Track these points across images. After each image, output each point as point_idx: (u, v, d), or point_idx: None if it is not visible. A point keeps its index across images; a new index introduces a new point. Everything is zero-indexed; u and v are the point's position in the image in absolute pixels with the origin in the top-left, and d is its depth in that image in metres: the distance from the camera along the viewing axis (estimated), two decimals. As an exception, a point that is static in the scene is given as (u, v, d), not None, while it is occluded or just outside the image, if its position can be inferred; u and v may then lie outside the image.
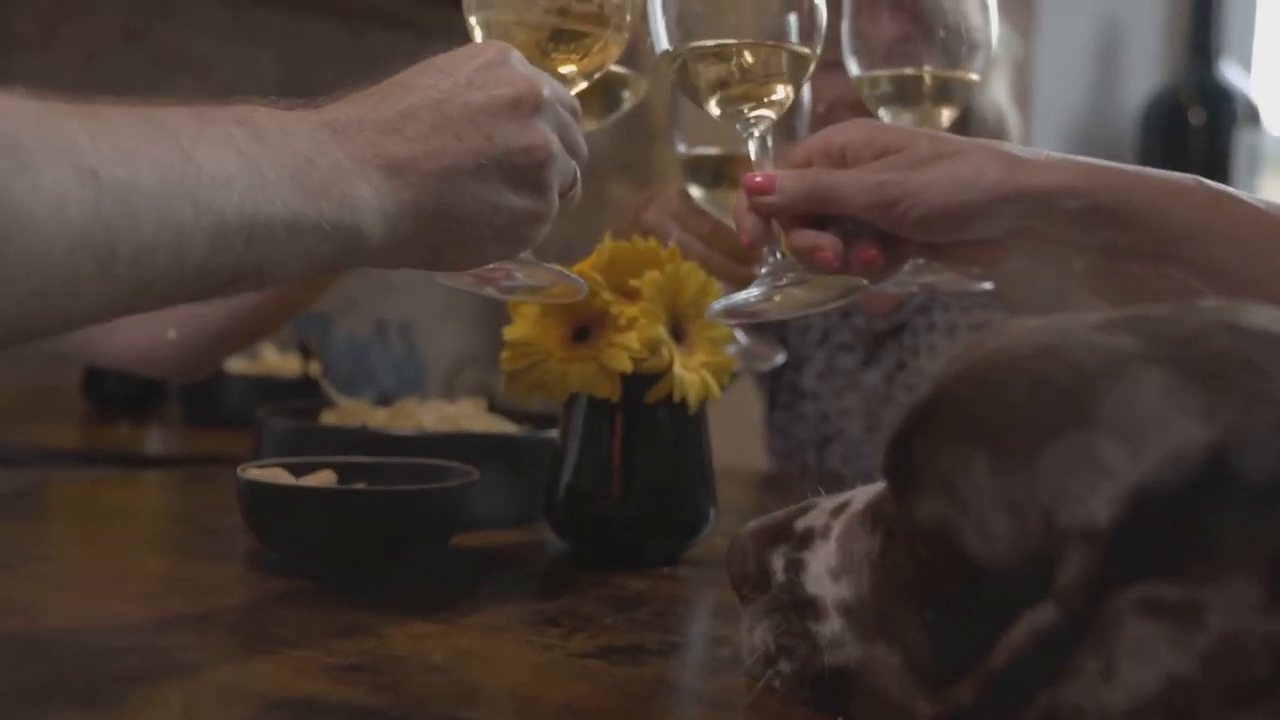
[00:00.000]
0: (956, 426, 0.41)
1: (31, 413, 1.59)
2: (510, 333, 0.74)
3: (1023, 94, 1.86)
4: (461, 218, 0.60)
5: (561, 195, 0.65)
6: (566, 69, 0.72)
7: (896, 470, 0.44)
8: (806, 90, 0.97)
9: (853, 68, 0.88)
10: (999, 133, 1.30)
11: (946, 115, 0.88)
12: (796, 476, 1.36)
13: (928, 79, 0.87)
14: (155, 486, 1.01)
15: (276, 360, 1.57)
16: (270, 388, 1.48)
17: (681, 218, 0.98)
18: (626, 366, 0.70)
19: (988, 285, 0.85)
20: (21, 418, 1.51)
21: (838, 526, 0.49)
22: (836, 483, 1.32)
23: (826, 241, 0.67)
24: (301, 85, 2.70)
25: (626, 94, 0.94)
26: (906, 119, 0.87)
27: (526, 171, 0.62)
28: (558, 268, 0.71)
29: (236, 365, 1.52)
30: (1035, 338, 0.41)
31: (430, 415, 0.90)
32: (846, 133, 0.69)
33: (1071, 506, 0.35)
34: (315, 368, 1.49)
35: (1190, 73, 2.76)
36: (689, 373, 0.73)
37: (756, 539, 0.52)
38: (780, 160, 0.71)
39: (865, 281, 0.71)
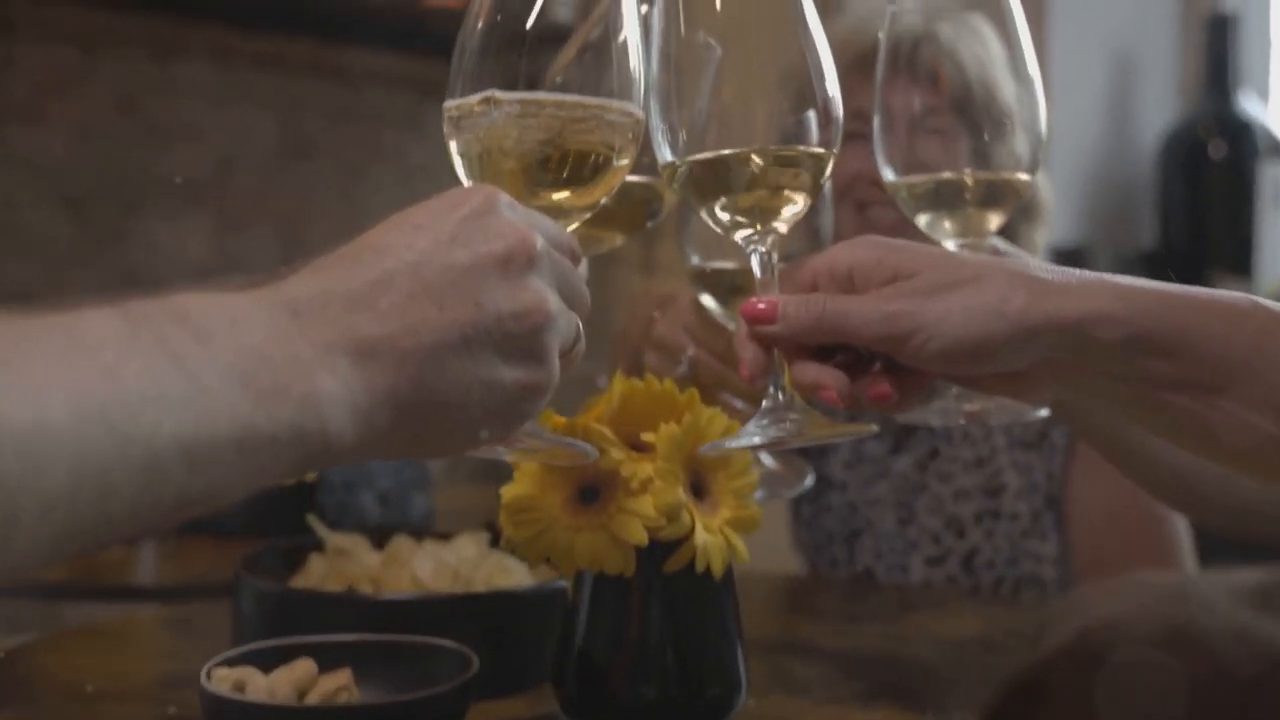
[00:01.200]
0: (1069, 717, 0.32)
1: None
2: (509, 492, 0.66)
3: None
4: (447, 400, 0.52)
5: (562, 356, 0.57)
6: (564, 198, 0.64)
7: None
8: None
9: (887, 174, 0.80)
10: (1031, 205, 1.22)
11: (994, 220, 0.80)
12: (827, 580, 1.27)
13: (969, 181, 0.79)
14: (133, 640, 0.93)
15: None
16: (264, 497, 1.40)
17: (696, 333, 0.90)
18: (641, 539, 0.62)
19: (1044, 412, 0.77)
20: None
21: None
22: (869, 581, 1.24)
23: (832, 380, 0.61)
24: (301, 146, 2.66)
25: (655, 205, 0.86)
26: (946, 226, 0.79)
27: (521, 339, 0.53)
28: (562, 435, 0.63)
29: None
30: (1164, 611, 0.32)
31: (426, 563, 0.82)
32: (854, 252, 0.62)
33: None
34: (310, 474, 1.41)
35: (1207, 105, 2.69)
36: (712, 535, 0.65)
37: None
38: (784, 281, 0.64)
39: (874, 427, 0.66)
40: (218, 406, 0.44)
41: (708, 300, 0.87)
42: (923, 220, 0.80)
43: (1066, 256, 2.36)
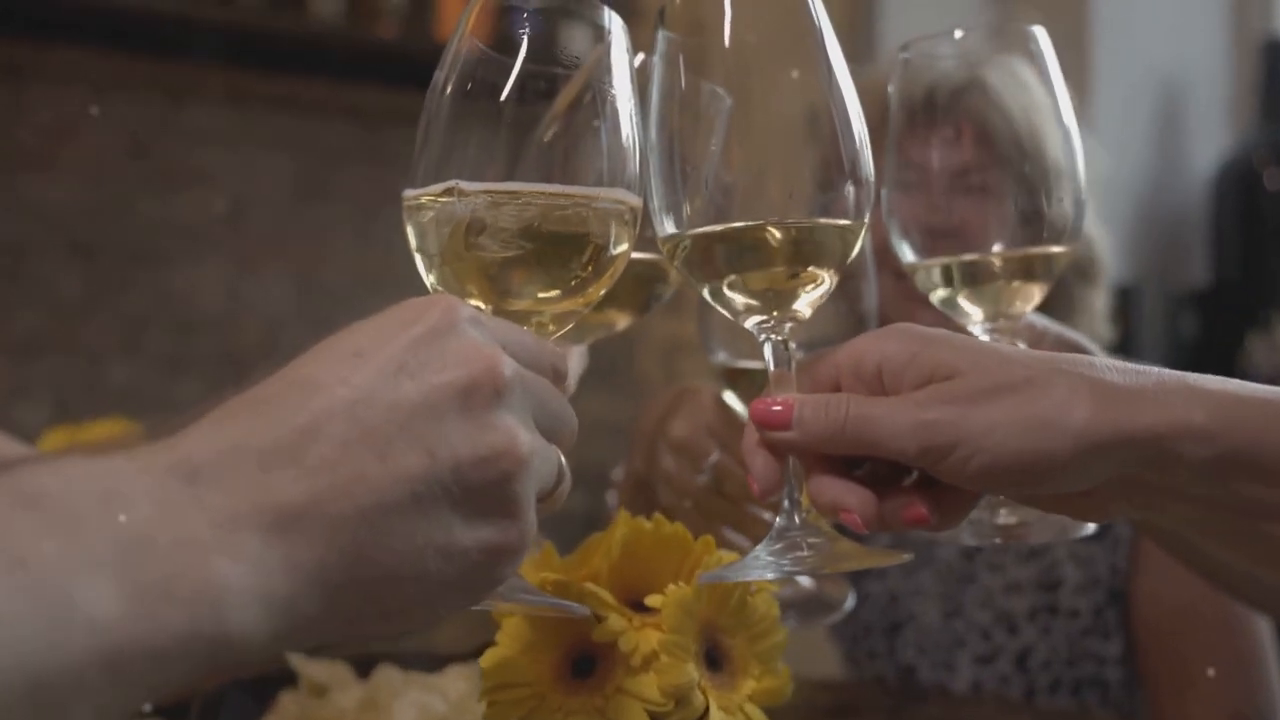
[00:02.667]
0: None
1: None
2: (488, 659, 0.55)
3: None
4: (394, 574, 0.41)
5: (542, 500, 0.47)
6: (549, 301, 0.54)
7: None
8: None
9: (906, 254, 0.69)
10: (1087, 265, 1.11)
11: (1025, 301, 0.68)
12: (864, 687, 1.15)
13: (997, 262, 0.67)
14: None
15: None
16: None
17: (720, 435, 0.78)
18: (643, 728, 0.51)
19: (1092, 528, 0.66)
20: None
21: None
22: (911, 682, 1.11)
23: (855, 500, 0.51)
24: (316, 187, 2.58)
25: (660, 285, 0.75)
26: (969, 312, 0.68)
27: (486, 491, 0.43)
28: (548, 595, 0.52)
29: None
30: None
31: (408, 712, 0.71)
32: (883, 345, 0.52)
33: None
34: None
35: (1262, 133, 2.56)
36: (731, 717, 0.53)
37: None
38: (802, 376, 0.54)
39: (907, 556, 0.54)
40: (76, 621, 0.33)
41: (732, 399, 0.76)
42: (936, 296, 0.69)
43: (1114, 296, 2.24)
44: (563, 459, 0.48)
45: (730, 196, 0.53)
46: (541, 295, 0.53)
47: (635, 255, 0.71)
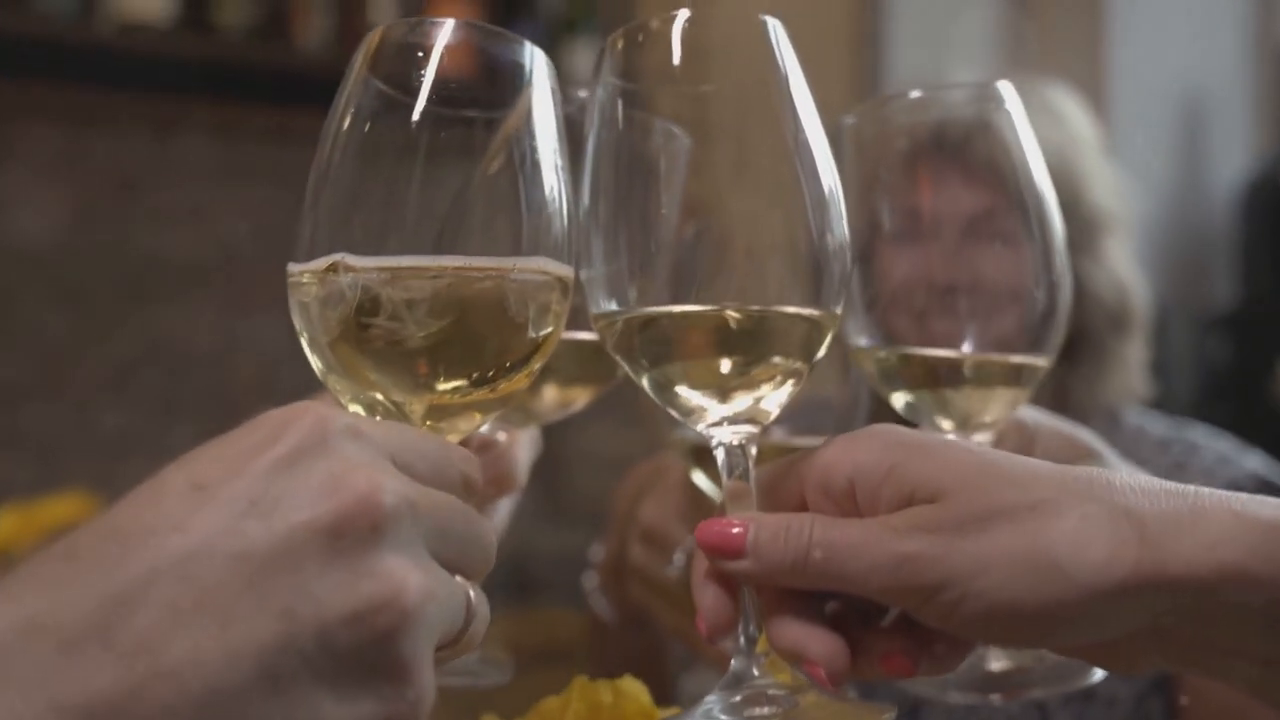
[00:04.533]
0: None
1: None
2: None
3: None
4: None
5: (447, 647, 0.37)
6: (457, 394, 0.44)
7: None
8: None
9: (859, 337, 0.59)
10: (1121, 315, 1.02)
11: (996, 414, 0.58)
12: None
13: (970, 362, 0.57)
14: None
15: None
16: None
17: (691, 520, 0.68)
18: None
19: (1099, 675, 0.55)
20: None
21: None
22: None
23: (821, 651, 0.42)
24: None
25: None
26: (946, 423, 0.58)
27: (363, 652, 0.34)
28: None
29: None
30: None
31: None
32: (855, 454, 0.43)
33: None
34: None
35: (1291, 148, 2.46)
36: None
37: None
38: (763, 491, 0.45)
39: (891, 713, 0.44)
40: None
41: (701, 480, 0.66)
42: (898, 399, 0.59)
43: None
44: (472, 592, 0.39)
45: (678, 267, 0.44)
46: (445, 387, 0.43)
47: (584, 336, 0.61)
